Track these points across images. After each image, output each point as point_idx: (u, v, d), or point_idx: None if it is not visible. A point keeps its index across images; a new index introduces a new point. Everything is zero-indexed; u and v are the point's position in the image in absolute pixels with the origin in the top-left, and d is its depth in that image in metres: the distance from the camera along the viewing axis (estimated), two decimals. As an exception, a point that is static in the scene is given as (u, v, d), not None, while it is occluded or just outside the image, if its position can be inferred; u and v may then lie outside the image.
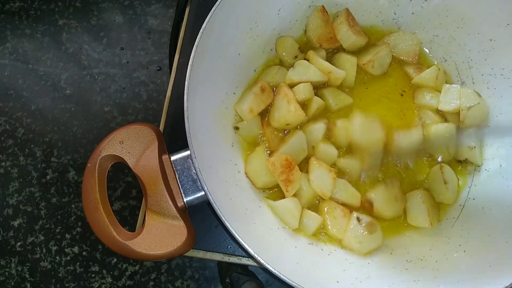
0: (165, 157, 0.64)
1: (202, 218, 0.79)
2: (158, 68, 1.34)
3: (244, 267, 0.98)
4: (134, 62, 1.36)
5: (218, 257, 0.81)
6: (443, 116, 0.78)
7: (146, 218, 0.61)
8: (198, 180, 0.64)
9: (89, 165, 0.61)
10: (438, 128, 0.75)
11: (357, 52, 0.81)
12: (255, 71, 0.78)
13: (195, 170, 0.61)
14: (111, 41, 1.39)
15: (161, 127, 0.86)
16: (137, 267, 1.19)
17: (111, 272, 1.19)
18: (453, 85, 0.77)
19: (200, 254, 0.80)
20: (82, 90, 1.35)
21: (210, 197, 0.60)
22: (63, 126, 1.32)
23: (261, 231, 0.70)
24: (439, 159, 0.77)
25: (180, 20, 0.92)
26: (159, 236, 0.60)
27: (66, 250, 1.22)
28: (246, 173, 0.73)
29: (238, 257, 0.79)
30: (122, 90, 1.34)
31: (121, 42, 1.39)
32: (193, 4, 0.91)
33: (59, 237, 1.23)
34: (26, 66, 1.38)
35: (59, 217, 1.24)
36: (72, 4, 1.44)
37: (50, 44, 1.40)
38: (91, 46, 1.39)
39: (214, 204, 0.60)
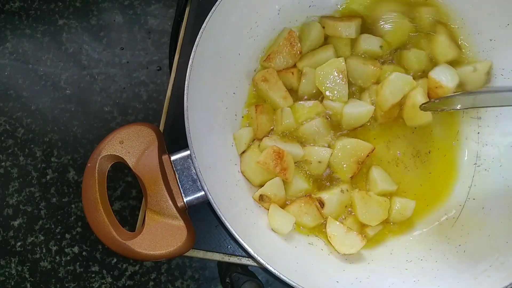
0: (165, 157, 0.64)
1: (202, 218, 0.79)
2: (158, 68, 1.34)
3: (244, 267, 0.98)
4: (134, 62, 1.36)
5: (218, 257, 0.81)
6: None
7: (146, 218, 0.61)
8: (198, 180, 0.64)
9: (89, 165, 0.61)
10: None
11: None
12: (255, 71, 0.78)
13: (195, 170, 0.61)
14: (111, 41, 1.39)
15: (161, 127, 0.87)
16: (137, 267, 1.19)
17: (111, 272, 1.19)
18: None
19: (200, 254, 0.80)
20: (82, 90, 1.35)
21: (210, 197, 0.60)
22: (63, 126, 1.32)
23: (261, 231, 0.70)
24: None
25: (180, 20, 0.92)
26: (159, 236, 0.60)
27: (66, 250, 1.22)
28: (242, 172, 0.73)
29: (238, 257, 0.79)
30: (122, 90, 1.34)
31: (121, 42, 1.39)
32: (193, 4, 0.91)
33: (59, 237, 1.23)
34: (26, 66, 1.38)
35: (59, 217, 1.24)
36: (72, 4, 1.43)
37: (50, 44, 1.40)
38: (91, 46, 1.39)
39: (214, 204, 0.60)
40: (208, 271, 1.12)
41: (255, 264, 0.76)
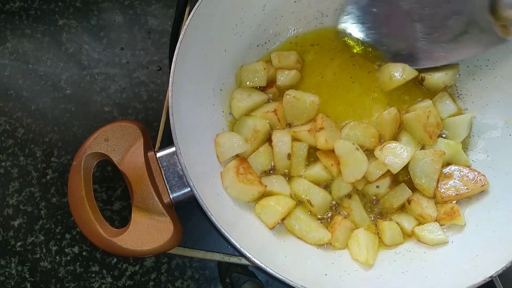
0: (150, 154, 0.65)
1: (202, 218, 0.79)
2: (158, 68, 1.34)
3: (244, 267, 0.98)
4: (134, 62, 1.36)
5: (218, 257, 0.81)
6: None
7: (132, 214, 0.61)
8: (184, 176, 0.64)
9: (74, 163, 0.62)
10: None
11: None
12: (241, 67, 0.78)
13: (181, 166, 0.61)
14: (111, 41, 1.39)
15: (161, 127, 0.87)
16: (137, 267, 1.19)
17: (111, 272, 1.19)
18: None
19: (200, 254, 0.80)
20: (82, 90, 1.35)
21: (195, 192, 0.60)
22: (63, 126, 1.32)
23: (249, 226, 0.70)
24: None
25: (180, 20, 0.93)
26: (145, 232, 0.60)
27: (66, 250, 1.22)
28: (233, 197, 0.73)
29: (238, 257, 0.80)
30: (122, 90, 1.34)
31: (121, 42, 1.39)
32: (193, 4, 0.91)
33: (59, 237, 1.23)
34: (26, 66, 1.38)
35: (59, 217, 1.24)
36: (72, 4, 1.44)
37: (50, 44, 1.40)
38: (91, 46, 1.39)
39: (200, 199, 0.60)
40: (208, 271, 1.12)
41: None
